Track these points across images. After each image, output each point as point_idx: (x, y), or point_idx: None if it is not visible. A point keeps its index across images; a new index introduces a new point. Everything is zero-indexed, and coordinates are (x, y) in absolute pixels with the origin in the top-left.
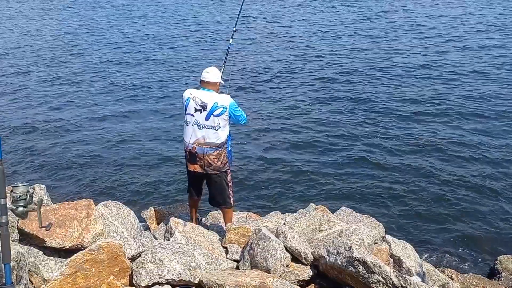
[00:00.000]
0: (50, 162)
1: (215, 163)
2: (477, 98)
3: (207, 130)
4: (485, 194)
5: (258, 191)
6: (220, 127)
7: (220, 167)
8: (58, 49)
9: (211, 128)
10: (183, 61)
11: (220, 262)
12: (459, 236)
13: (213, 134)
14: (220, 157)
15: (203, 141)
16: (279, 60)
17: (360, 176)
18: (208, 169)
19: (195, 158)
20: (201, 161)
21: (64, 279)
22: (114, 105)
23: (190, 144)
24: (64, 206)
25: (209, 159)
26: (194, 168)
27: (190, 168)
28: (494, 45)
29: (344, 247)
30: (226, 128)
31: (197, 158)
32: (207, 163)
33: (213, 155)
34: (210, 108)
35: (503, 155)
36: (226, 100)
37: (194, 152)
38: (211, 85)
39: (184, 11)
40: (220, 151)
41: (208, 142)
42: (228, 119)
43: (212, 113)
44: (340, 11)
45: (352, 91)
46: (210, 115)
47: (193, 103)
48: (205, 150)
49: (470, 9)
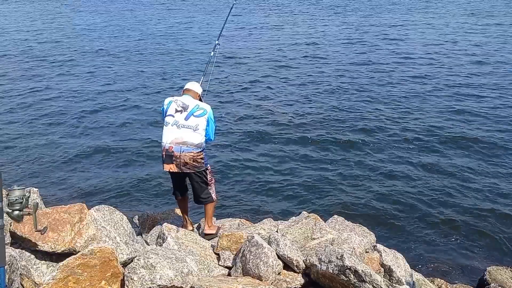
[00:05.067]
0: (41, 166)
1: (191, 163)
2: (463, 112)
3: (185, 129)
4: (476, 206)
5: (250, 198)
6: (198, 129)
7: (196, 166)
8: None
9: (190, 128)
10: (162, 73)
11: (212, 268)
12: (449, 246)
13: (191, 133)
14: (197, 158)
15: (180, 140)
16: (266, 66)
17: (351, 185)
18: (183, 168)
19: (171, 157)
20: (177, 160)
21: (56, 283)
22: (107, 110)
23: (168, 144)
24: (57, 210)
25: (185, 158)
26: (169, 168)
27: (166, 169)
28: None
29: (336, 256)
30: (203, 133)
31: (173, 158)
32: (183, 162)
33: (190, 154)
34: (191, 109)
35: (497, 165)
36: (207, 106)
37: (170, 152)
38: (192, 92)
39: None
40: (197, 152)
41: (186, 141)
42: (206, 123)
43: (193, 114)
44: (321, 22)
45: (343, 99)
46: (190, 115)
47: (174, 105)
48: (182, 148)
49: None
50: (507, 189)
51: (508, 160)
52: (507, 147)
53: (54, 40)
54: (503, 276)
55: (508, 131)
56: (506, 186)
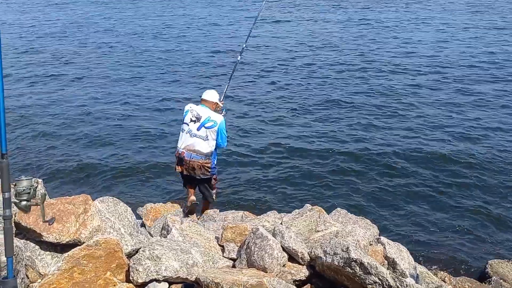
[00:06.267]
0: (44, 157)
1: (198, 169)
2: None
3: (197, 139)
4: (479, 200)
5: (252, 191)
6: (208, 139)
7: (203, 173)
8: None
9: (200, 137)
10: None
11: (217, 260)
12: (452, 239)
13: (201, 143)
14: (205, 166)
15: (192, 148)
16: (280, 65)
17: (353, 178)
18: (191, 172)
19: (182, 161)
20: (186, 165)
21: (61, 274)
22: (112, 103)
23: (181, 149)
24: (61, 201)
25: (194, 164)
26: (180, 170)
27: (177, 170)
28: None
29: (342, 248)
30: (213, 143)
31: (183, 162)
32: (191, 167)
33: (198, 161)
34: (203, 120)
35: (499, 160)
36: (218, 117)
37: (182, 156)
38: (208, 103)
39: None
40: (205, 160)
41: (196, 150)
42: (216, 134)
43: (204, 125)
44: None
45: (348, 94)
46: (201, 126)
47: (190, 114)
48: (192, 156)
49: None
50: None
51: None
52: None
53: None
54: (504, 269)
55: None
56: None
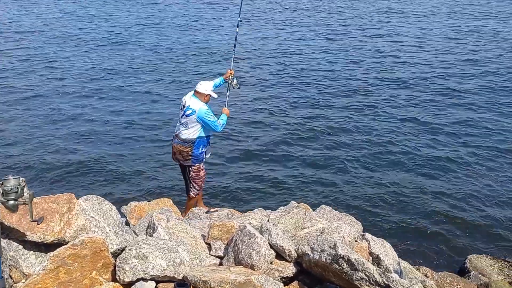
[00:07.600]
0: (28, 155)
1: (178, 154)
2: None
3: (180, 126)
4: (459, 196)
5: (236, 189)
6: (188, 127)
7: (182, 159)
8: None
9: (182, 125)
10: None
11: (204, 258)
12: (433, 235)
13: (183, 130)
14: (183, 151)
15: (176, 134)
16: (275, 60)
17: (337, 175)
18: (174, 156)
19: (172, 146)
20: (173, 150)
21: (46, 274)
22: (98, 99)
23: (174, 135)
24: (45, 199)
25: (175, 149)
26: (172, 154)
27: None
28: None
29: (329, 245)
30: (195, 130)
31: (172, 147)
32: (174, 152)
33: (178, 146)
34: (185, 109)
35: (482, 157)
36: (197, 106)
37: (172, 142)
38: (199, 94)
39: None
40: (185, 146)
41: (178, 136)
42: (196, 122)
43: (185, 113)
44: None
45: (331, 94)
46: (183, 114)
47: (181, 103)
48: (176, 141)
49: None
50: (491, 180)
51: (498, 151)
52: (497, 135)
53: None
54: (483, 264)
55: (504, 122)
56: (490, 177)
